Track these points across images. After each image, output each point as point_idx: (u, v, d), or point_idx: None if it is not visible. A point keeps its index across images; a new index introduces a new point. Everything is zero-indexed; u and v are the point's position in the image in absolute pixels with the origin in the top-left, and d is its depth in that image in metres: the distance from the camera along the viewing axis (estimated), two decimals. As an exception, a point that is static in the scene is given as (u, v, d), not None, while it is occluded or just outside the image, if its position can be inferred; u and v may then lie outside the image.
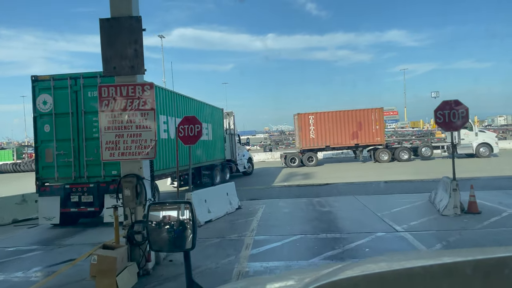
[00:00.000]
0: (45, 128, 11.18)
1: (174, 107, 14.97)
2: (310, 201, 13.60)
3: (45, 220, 11.12)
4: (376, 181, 18.34)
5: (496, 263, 1.13)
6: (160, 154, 13.39)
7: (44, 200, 11.12)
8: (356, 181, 18.79)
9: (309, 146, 29.19)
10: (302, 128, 29.19)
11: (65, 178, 11.07)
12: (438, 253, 1.72)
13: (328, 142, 29.03)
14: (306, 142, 29.20)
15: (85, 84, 11.06)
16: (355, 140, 29.05)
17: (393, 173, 21.51)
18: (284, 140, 58.01)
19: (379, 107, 29.71)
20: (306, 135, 29.18)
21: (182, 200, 2.26)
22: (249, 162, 25.70)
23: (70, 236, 10.30)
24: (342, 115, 29.10)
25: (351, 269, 1.22)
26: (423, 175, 18.99)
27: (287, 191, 17.21)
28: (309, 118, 29.21)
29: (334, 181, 18.95)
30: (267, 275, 1.99)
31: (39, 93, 11.19)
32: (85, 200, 11.03)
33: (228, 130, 23.32)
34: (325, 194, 15.14)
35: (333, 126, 28.94)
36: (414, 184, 16.58)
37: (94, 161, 10.97)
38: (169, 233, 1.93)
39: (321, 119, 29.10)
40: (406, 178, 18.55)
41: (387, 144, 30.15)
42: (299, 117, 29.55)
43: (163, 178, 15.31)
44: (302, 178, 21.69)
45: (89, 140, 11.00)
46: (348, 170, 25.43)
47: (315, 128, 29.10)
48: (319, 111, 29.75)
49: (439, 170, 16.30)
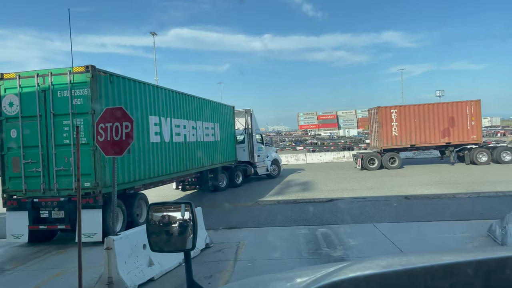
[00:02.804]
0: (11, 134, 9.80)
1: (170, 106, 13.38)
2: (312, 233, 9.48)
3: (12, 238, 9.77)
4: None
5: (497, 263, 1.14)
6: (150, 160, 11.83)
7: (12, 215, 9.77)
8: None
9: (390, 145, 24.83)
10: (383, 124, 24.83)
11: (34, 191, 9.66)
12: (439, 254, 1.53)
13: (413, 140, 24.78)
14: (388, 140, 24.83)
15: (54, 83, 9.58)
16: (446, 138, 24.67)
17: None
18: (280, 141, 54.61)
19: (475, 99, 24.94)
20: (387, 133, 24.83)
21: (183, 201, 2.03)
22: (274, 164, 23.19)
23: (32, 258, 8.87)
24: (431, 108, 24.86)
25: (352, 270, 1.25)
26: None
27: (282, 211, 12.93)
28: (391, 112, 24.93)
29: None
30: (268, 275, 1.87)
31: (5, 93, 9.82)
32: (55, 216, 9.60)
33: (247, 130, 21.57)
34: (342, 218, 11.23)
35: (420, 122, 24.68)
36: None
37: (65, 171, 9.53)
38: (169, 234, 1.96)
39: (406, 113, 24.86)
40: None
41: (484, 143, 25.82)
42: (379, 111, 25.10)
43: (159, 185, 13.76)
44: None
45: (59, 147, 9.55)
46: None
47: (398, 124, 24.85)
48: (403, 104, 25.73)
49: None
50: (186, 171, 14.94)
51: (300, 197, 15.37)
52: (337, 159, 32.93)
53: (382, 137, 24.97)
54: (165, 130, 12.89)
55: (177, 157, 13.82)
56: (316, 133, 61.07)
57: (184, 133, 14.50)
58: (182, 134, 14.32)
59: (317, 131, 65.51)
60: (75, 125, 9.42)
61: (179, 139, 14.01)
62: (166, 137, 13.00)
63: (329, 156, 33.48)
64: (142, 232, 6.61)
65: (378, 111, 25.30)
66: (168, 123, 13.17)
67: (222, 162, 18.60)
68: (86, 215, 9.40)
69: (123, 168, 10.42)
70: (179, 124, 14.05)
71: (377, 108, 25.44)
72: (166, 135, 13.01)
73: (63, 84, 9.51)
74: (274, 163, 23.18)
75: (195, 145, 15.50)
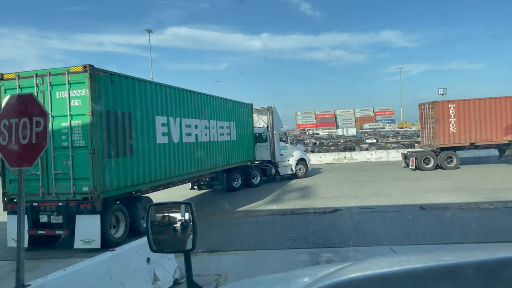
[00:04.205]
0: (11, 135, 9.55)
1: (179, 106, 12.89)
2: (315, 262, 7.78)
3: (13, 242, 9.51)
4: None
5: (497, 264, 1.15)
6: (157, 162, 11.40)
7: (12, 219, 9.54)
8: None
9: (447, 143, 22.89)
10: (440, 121, 22.84)
11: (33, 195, 9.39)
12: (439, 254, 1.56)
13: (473, 138, 22.85)
14: (445, 138, 22.89)
15: (52, 83, 9.26)
16: (510, 136, 22.72)
17: None
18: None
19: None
20: (444, 129, 22.87)
21: (183, 201, 2.00)
22: (300, 163, 21.92)
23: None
24: (492, 103, 22.90)
25: (352, 270, 1.26)
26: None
27: (280, 225, 11.09)
28: (448, 107, 22.97)
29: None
30: (268, 275, 1.84)
31: (5, 94, 9.57)
32: (55, 221, 9.31)
33: (268, 128, 20.88)
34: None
35: (480, 118, 22.82)
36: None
37: (64, 174, 9.20)
38: (169, 234, 1.97)
39: (465, 108, 22.92)
40: None
41: None
42: (435, 106, 23.12)
43: (170, 186, 13.35)
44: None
45: (58, 150, 9.22)
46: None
47: (456, 120, 22.86)
48: (462, 99, 23.78)
49: None
50: (198, 172, 14.47)
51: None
52: (338, 160, 30.81)
53: (439, 135, 22.89)
54: (173, 131, 12.42)
55: (188, 158, 13.35)
56: (314, 132, 59.53)
57: (195, 133, 14.01)
58: (193, 134, 13.83)
59: (315, 130, 64.06)
60: (73, 127, 9.14)
61: (190, 139, 13.53)
62: (175, 137, 12.53)
63: (329, 157, 31.16)
64: (70, 276, 4.81)
65: (434, 106, 23.21)
66: (177, 123, 12.69)
67: (239, 162, 18.03)
68: (84, 220, 9.09)
69: (126, 171, 10.03)
70: (189, 124, 13.56)
71: (433, 103, 23.43)
72: (175, 136, 12.54)
73: (62, 85, 9.16)
74: (300, 163, 22.04)
75: (208, 145, 14.99)
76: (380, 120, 69.88)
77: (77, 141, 9.08)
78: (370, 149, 33.64)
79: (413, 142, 35.96)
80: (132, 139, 10.30)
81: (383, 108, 74.98)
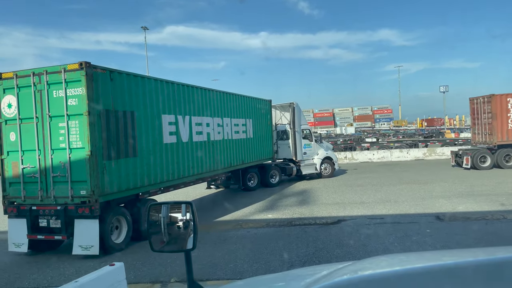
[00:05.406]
0: (11, 137, 9.26)
1: (188, 103, 12.33)
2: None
3: (14, 246, 9.27)
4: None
5: (497, 264, 1.14)
6: (163, 162, 10.89)
7: (13, 223, 9.28)
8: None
9: (506, 140, 21.14)
10: (497, 116, 21.07)
11: (32, 198, 9.07)
12: (439, 254, 1.59)
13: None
14: (503, 134, 21.17)
15: (49, 82, 8.85)
16: None
17: None
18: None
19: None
20: (502, 125, 21.15)
21: (183, 201, 2.01)
22: (325, 162, 20.66)
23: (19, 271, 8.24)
24: None
25: (352, 270, 1.25)
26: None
27: (280, 241, 9.38)
28: (507, 101, 21.21)
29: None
30: (268, 275, 2.02)
31: (4, 94, 9.28)
32: (54, 226, 8.94)
33: (291, 125, 20.00)
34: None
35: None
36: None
37: (62, 177, 8.80)
38: (170, 234, 1.94)
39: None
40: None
41: None
42: (493, 99, 21.32)
43: (181, 187, 12.86)
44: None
45: (56, 151, 8.84)
46: None
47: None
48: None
49: None
50: (211, 172, 13.91)
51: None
52: (338, 160, 28.99)
53: (496, 131, 21.07)
54: (182, 130, 11.88)
55: (199, 157, 12.79)
56: (313, 130, 58.33)
57: (207, 132, 13.44)
58: (205, 133, 13.26)
59: (313, 128, 63.08)
60: (70, 128, 8.72)
61: (200, 138, 12.97)
62: (184, 136, 11.99)
63: None
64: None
65: (491, 100, 21.40)
66: (186, 121, 12.14)
67: (256, 161, 17.36)
68: (82, 225, 8.68)
69: (128, 173, 9.55)
70: (200, 122, 12.98)
71: (490, 96, 21.52)
72: (184, 135, 11.99)
73: (58, 83, 8.74)
74: (325, 162, 20.82)
75: (222, 143, 14.39)
76: (378, 119, 69.80)
77: (74, 142, 8.65)
78: (371, 148, 31.97)
79: (416, 141, 34.51)
80: (135, 139, 9.81)
81: (381, 107, 74.74)
